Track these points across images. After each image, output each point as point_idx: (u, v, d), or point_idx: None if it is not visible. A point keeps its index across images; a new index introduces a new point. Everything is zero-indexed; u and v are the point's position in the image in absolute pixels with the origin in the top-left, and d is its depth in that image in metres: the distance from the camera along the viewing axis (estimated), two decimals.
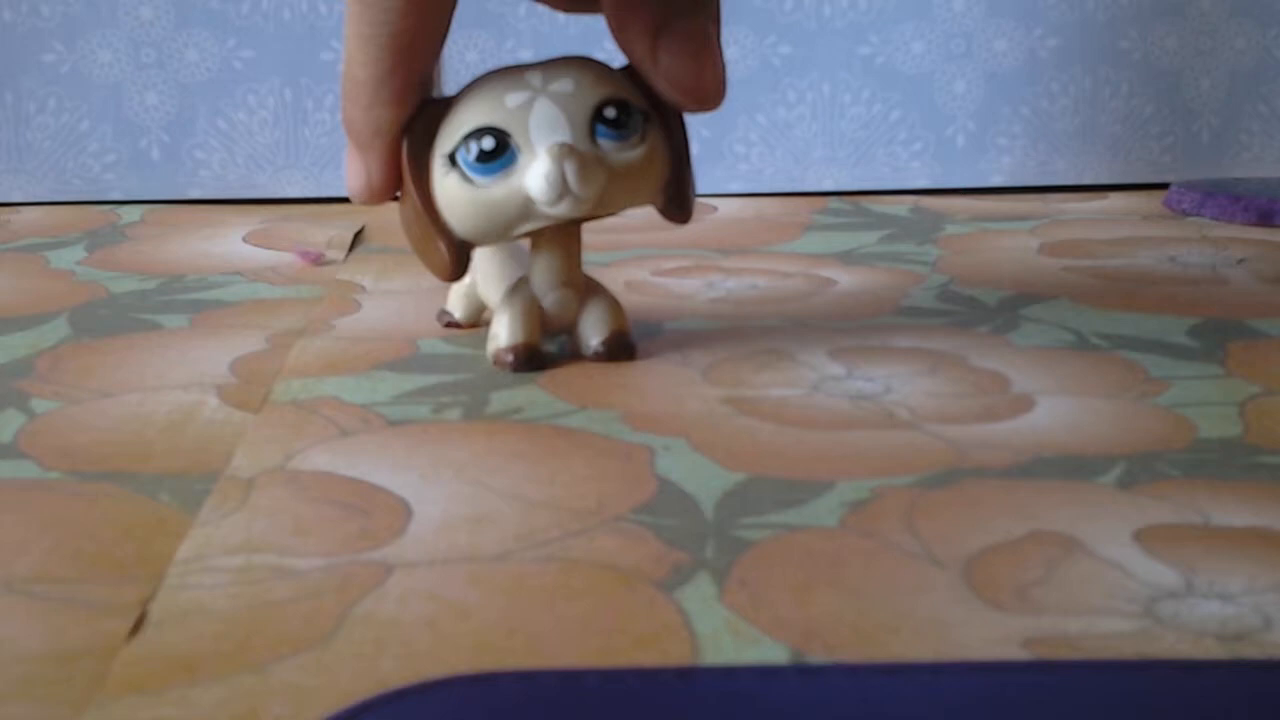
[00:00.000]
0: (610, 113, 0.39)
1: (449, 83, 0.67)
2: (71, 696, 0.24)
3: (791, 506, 0.31)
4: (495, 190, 0.39)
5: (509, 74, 0.40)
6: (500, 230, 0.40)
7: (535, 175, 0.38)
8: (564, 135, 0.39)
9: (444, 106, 0.40)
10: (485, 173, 0.39)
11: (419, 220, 0.40)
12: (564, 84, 0.39)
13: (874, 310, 0.49)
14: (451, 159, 0.39)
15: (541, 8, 0.68)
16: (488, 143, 0.39)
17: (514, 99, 0.39)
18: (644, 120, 0.40)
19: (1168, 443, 0.35)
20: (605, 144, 0.39)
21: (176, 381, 0.41)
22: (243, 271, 0.55)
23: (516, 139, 0.39)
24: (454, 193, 0.40)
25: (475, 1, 0.39)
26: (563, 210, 0.39)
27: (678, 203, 0.41)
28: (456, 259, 0.40)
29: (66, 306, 0.50)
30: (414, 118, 0.40)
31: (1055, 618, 0.26)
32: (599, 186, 0.39)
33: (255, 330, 0.46)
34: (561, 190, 0.38)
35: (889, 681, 0.24)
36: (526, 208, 0.39)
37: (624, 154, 0.39)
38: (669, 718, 0.23)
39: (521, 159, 0.39)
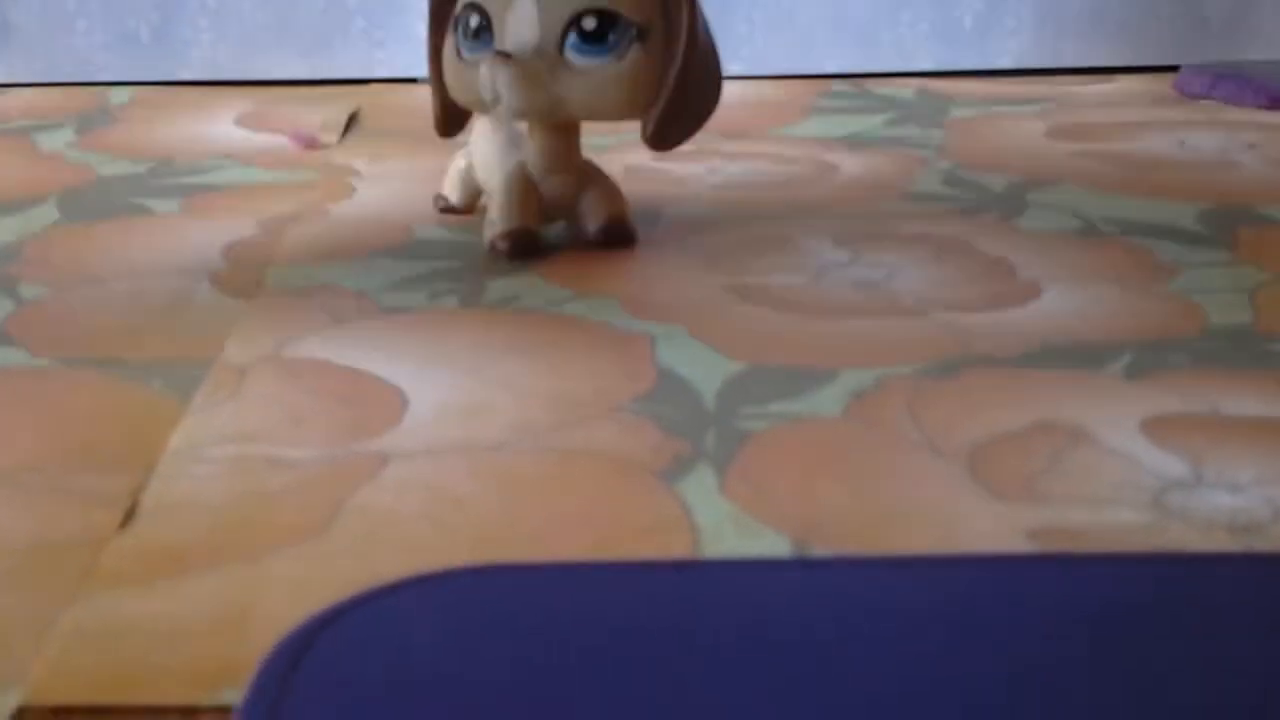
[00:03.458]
0: (589, 23, 0.38)
1: None
2: (59, 589, 0.24)
3: (794, 396, 0.31)
4: (473, 68, 0.39)
5: None
6: (477, 104, 0.40)
7: (480, 74, 0.38)
8: (530, 37, 0.38)
9: None
10: (470, 49, 0.39)
11: (428, 69, 0.41)
12: None
13: (878, 196, 0.48)
14: (455, 23, 0.40)
15: None
16: (474, 21, 0.39)
17: None
18: (636, 37, 0.38)
19: (1176, 331, 0.35)
20: (572, 55, 0.38)
21: (168, 267, 0.40)
22: (234, 155, 0.54)
23: (495, 27, 0.39)
24: (449, 54, 0.40)
25: None
26: (502, 113, 0.39)
27: (656, 130, 0.39)
28: (444, 116, 0.42)
29: (55, 190, 0.49)
30: None
31: (1061, 508, 0.26)
32: (534, 99, 0.38)
33: (247, 215, 0.45)
34: (494, 95, 0.38)
35: (891, 573, 0.23)
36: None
37: (592, 69, 0.38)
38: (670, 610, 0.22)
39: (493, 47, 0.39)
